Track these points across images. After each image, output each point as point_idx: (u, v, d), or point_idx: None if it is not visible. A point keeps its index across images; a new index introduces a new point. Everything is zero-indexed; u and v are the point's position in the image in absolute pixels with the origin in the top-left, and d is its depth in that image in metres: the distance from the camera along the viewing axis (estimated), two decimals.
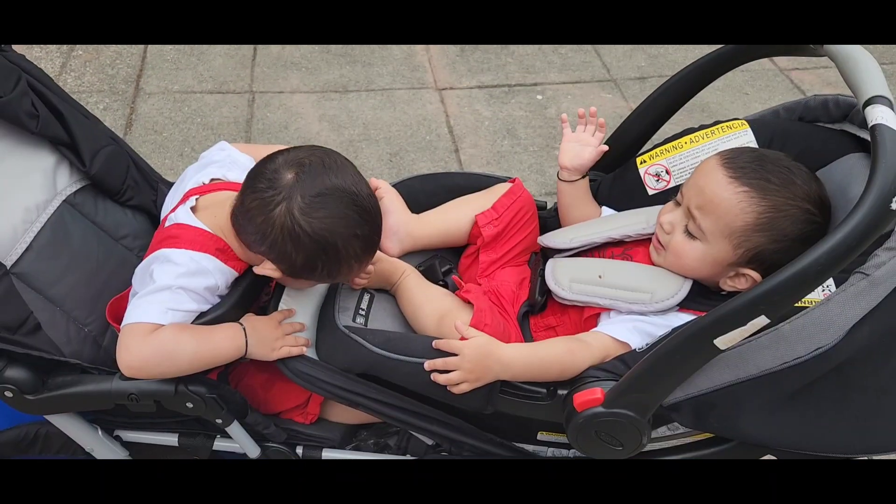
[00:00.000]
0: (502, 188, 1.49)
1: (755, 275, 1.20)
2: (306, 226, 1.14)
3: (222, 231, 1.24)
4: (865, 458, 1.78)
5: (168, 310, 1.18)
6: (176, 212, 1.28)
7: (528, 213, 1.48)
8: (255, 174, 1.18)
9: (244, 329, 1.24)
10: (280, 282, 1.30)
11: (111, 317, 1.26)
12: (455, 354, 1.17)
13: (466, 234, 1.49)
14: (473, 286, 1.39)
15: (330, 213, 1.14)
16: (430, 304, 1.34)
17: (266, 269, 1.20)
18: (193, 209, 1.27)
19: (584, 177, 1.47)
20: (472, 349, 1.17)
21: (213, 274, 1.22)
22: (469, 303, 1.32)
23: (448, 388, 1.19)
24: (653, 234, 1.32)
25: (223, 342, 1.23)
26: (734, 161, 1.22)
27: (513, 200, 1.46)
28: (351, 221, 1.16)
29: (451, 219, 1.48)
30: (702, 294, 1.25)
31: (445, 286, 1.43)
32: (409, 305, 1.37)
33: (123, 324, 1.19)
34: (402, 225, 1.45)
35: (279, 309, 1.29)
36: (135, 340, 1.17)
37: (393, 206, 1.46)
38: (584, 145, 1.45)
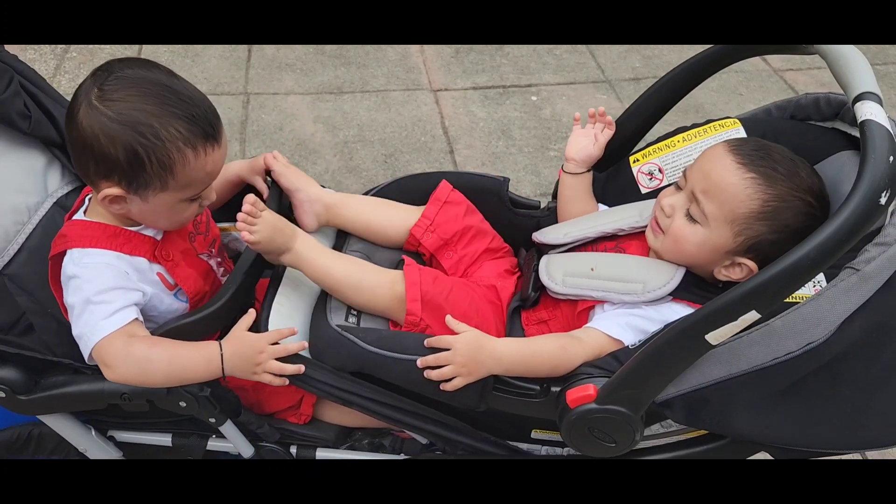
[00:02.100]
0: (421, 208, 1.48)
1: (751, 264, 1.20)
2: (107, 110, 1.09)
3: (109, 215, 1.21)
4: (860, 456, 1.79)
5: (105, 318, 1.16)
6: (73, 214, 1.27)
7: (462, 213, 1.47)
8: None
9: (221, 350, 1.20)
10: (142, 218, 1.21)
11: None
12: (447, 350, 1.17)
13: (394, 237, 1.47)
14: (423, 267, 1.37)
15: (130, 92, 1.10)
16: (371, 273, 1.29)
17: (109, 193, 1.14)
18: (86, 209, 1.25)
19: (588, 170, 1.47)
20: (464, 343, 1.17)
21: (113, 265, 1.19)
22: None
23: (441, 385, 1.19)
24: (645, 227, 1.32)
25: (195, 365, 1.20)
26: (741, 148, 1.22)
27: (439, 206, 1.46)
28: (159, 99, 1.10)
29: (381, 214, 1.46)
30: (695, 284, 1.25)
31: None
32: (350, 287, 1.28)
33: (87, 353, 1.18)
34: (313, 200, 1.42)
35: (273, 308, 1.27)
36: (109, 358, 1.17)
37: (297, 181, 1.42)
38: (591, 139, 1.45)
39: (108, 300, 1.17)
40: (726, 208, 1.19)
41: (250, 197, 1.21)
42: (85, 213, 1.25)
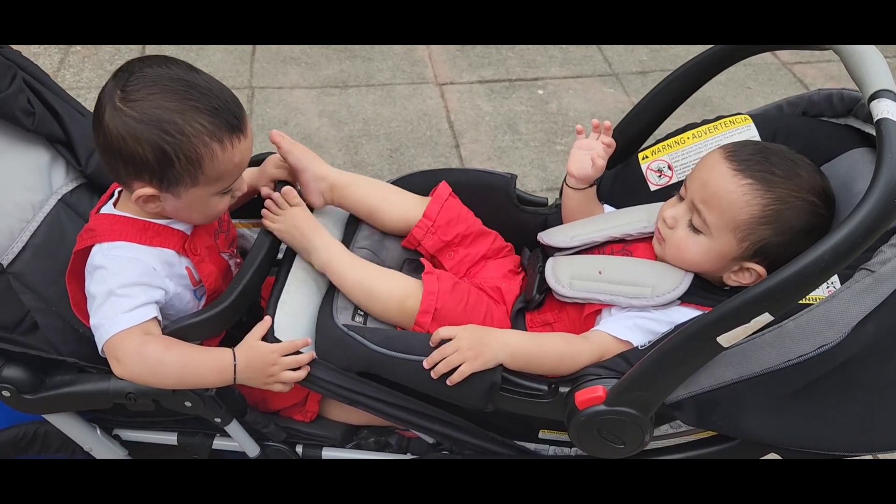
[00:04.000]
0: (426, 199, 1.47)
1: (759, 269, 1.19)
2: (132, 111, 1.09)
3: (138, 208, 1.20)
4: (870, 457, 1.78)
5: (125, 312, 1.15)
6: (101, 207, 1.26)
7: (462, 213, 1.46)
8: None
9: (235, 360, 1.20)
10: (176, 215, 1.22)
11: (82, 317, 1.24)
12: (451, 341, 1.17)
13: (395, 227, 1.46)
14: (441, 272, 1.36)
15: (151, 91, 1.10)
16: (386, 283, 1.29)
17: (142, 192, 1.15)
18: (116, 202, 1.25)
19: (590, 186, 1.44)
20: (467, 330, 1.18)
21: (142, 259, 1.19)
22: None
23: (448, 379, 1.17)
24: (654, 231, 1.31)
25: (208, 372, 1.20)
26: (737, 154, 1.21)
27: (440, 205, 1.44)
28: (180, 95, 1.10)
29: (385, 201, 1.45)
30: (703, 288, 1.24)
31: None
32: (361, 288, 1.28)
33: (101, 345, 1.17)
34: (319, 179, 1.41)
35: (278, 307, 1.26)
36: (121, 353, 1.16)
37: (303, 160, 1.41)
38: (591, 154, 1.41)
39: (131, 294, 1.16)
40: (727, 216, 1.18)
41: (289, 190, 1.31)
42: (115, 205, 1.25)
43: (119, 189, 1.26)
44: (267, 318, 1.23)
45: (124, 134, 1.10)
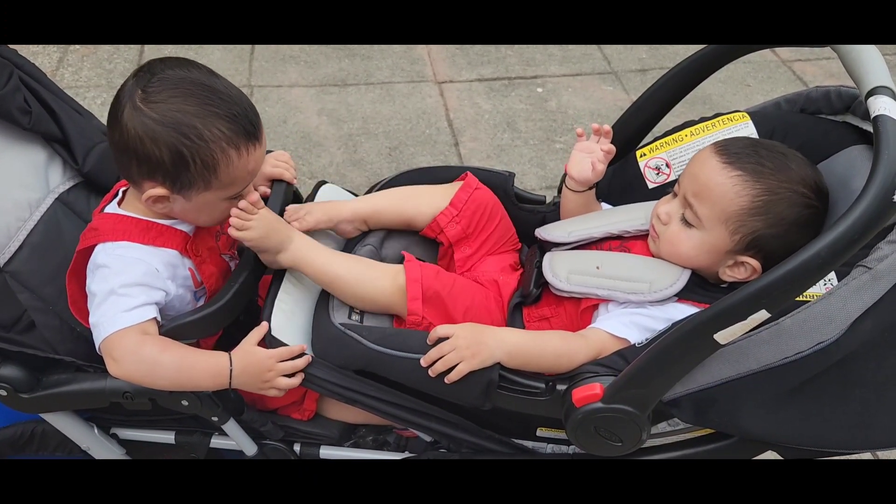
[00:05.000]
0: (456, 185, 1.46)
1: (754, 262, 1.20)
2: (152, 112, 1.10)
3: (145, 208, 1.21)
4: (870, 456, 1.78)
5: (125, 311, 1.15)
6: (105, 207, 1.26)
7: (489, 205, 1.45)
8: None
9: (231, 364, 1.20)
10: (183, 216, 1.22)
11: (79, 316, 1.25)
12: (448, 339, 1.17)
13: (423, 224, 1.44)
14: (423, 263, 1.34)
15: (173, 94, 1.11)
16: (371, 269, 1.28)
17: (153, 193, 1.15)
18: (120, 201, 1.25)
19: (590, 188, 1.44)
20: (465, 329, 1.18)
21: (145, 259, 1.19)
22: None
23: (446, 377, 1.17)
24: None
25: (204, 375, 1.20)
26: (728, 148, 1.22)
27: (469, 194, 1.43)
28: (201, 100, 1.12)
29: (410, 207, 1.44)
30: (700, 285, 1.24)
31: None
32: (341, 281, 1.26)
33: (98, 343, 1.17)
34: (353, 221, 1.41)
35: (275, 305, 1.26)
36: (118, 352, 1.16)
37: (332, 215, 1.39)
38: (591, 158, 1.40)
39: (132, 294, 1.16)
40: (718, 208, 1.19)
41: (252, 194, 1.21)
42: (119, 205, 1.25)
43: (123, 189, 1.27)
44: (264, 324, 1.22)
45: (142, 134, 1.11)
